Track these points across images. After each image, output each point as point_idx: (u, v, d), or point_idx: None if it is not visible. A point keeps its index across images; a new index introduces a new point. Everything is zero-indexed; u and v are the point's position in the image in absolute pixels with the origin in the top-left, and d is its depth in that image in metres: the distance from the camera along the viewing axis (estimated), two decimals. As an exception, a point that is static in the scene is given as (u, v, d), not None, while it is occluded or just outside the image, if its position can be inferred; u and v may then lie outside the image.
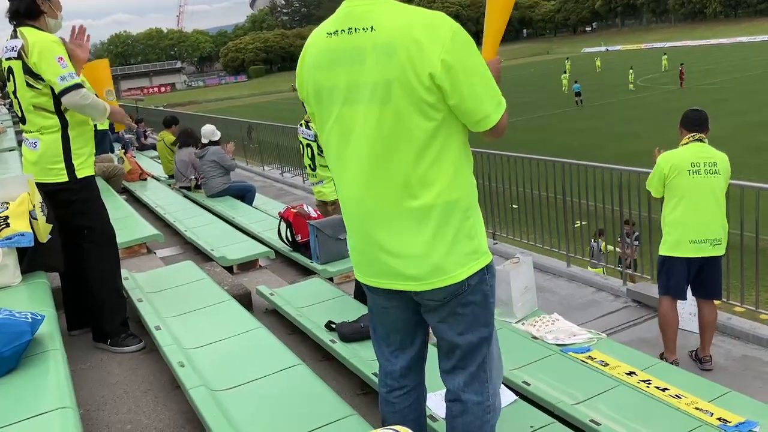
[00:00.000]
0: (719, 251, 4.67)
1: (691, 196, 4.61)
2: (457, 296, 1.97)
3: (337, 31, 1.90)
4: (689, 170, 4.59)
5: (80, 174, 3.44)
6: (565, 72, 44.59)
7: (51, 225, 3.39)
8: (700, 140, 4.70)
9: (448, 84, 1.81)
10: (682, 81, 36.02)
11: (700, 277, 4.75)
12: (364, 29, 1.85)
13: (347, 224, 2.10)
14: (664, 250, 4.78)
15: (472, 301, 1.99)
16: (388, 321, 2.18)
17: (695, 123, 4.75)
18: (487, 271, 2.02)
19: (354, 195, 2.00)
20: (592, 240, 6.76)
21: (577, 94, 33.92)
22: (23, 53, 3.24)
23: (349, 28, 1.88)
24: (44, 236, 3.32)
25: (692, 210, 4.61)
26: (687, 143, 4.72)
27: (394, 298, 2.07)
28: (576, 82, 35.62)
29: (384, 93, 1.83)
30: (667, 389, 3.33)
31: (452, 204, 1.92)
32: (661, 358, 4.59)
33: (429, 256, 1.91)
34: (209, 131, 8.71)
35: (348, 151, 1.95)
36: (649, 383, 3.39)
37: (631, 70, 39.48)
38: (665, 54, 51.50)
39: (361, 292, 4.28)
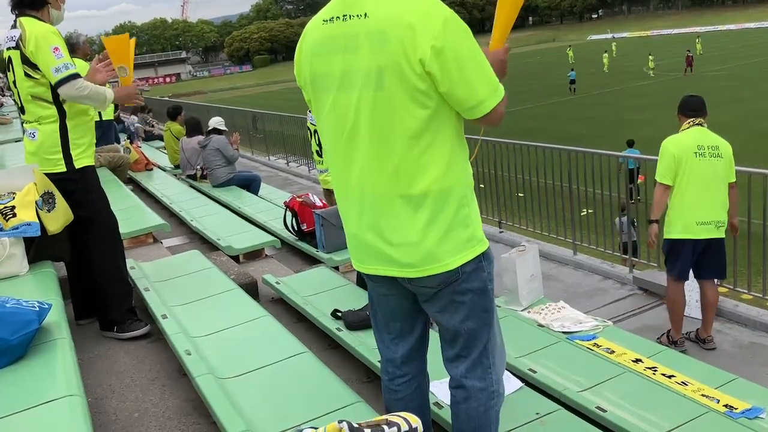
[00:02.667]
0: (722, 233, 4.78)
1: (699, 178, 4.68)
2: (451, 284, 1.96)
3: (332, 18, 1.91)
4: (696, 152, 4.68)
5: (78, 164, 3.42)
6: (605, 52, 45.01)
7: (71, 216, 3.40)
8: (701, 125, 4.79)
9: (438, 70, 1.79)
10: (688, 67, 35.70)
11: (704, 258, 4.83)
12: (358, 16, 1.85)
13: (341, 211, 2.10)
14: (672, 233, 4.82)
15: (469, 288, 1.98)
16: (388, 309, 2.18)
17: (694, 108, 4.84)
18: (484, 258, 2.00)
19: (348, 182, 2.00)
20: None
21: (572, 81, 34.55)
22: (21, 43, 3.22)
23: (344, 15, 1.88)
24: (56, 226, 3.32)
25: (700, 192, 4.68)
26: (688, 128, 4.79)
27: (394, 285, 2.06)
28: (572, 69, 36.10)
29: (377, 80, 1.83)
30: (673, 376, 3.33)
31: (447, 191, 1.91)
32: (668, 339, 4.82)
33: (422, 243, 1.91)
34: (215, 121, 8.81)
35: (343, 139, 1.95)
36: (656, 370, 3.39)
37: (650, 56, 38.76)
38: (698, 37, 50.77)
39: (362, 280, 4.29)
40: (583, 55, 53.26)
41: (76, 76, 3.25)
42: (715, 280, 5.01)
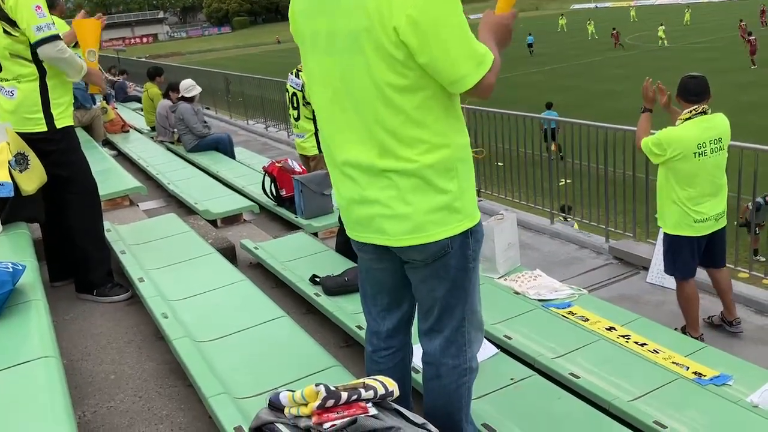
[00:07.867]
0: (723, 223, 4.45)
1: (696, 178, 4.24)
2: (440, 258, 1.92)
3: None
4: (695, 152, 4.17)
5: (59, 124, 3.37)
6: (589, 21, 47.23)
7: (45, 177, 3.34)
8: (704, 112, 4.23)
9: (414, 41, 1.70)
10: (617, 42, 36.66)
11: (708, 249, 4.48)
12: None
13: (333, 178, 2.04)
14: (668, 228, 4.42)
15: (453, 264, 1.94)
16: (377, 281, 2.13)
17: (695, 93, 4.24)
18: (471, 235, 1.94)
19: (336, 150, 1.94)
20: None
21: (530, 45, 37.41)
22: None
23: None
24: (31, 187, 3.26)
25: (696, 192, 4.26)
26: (690, 118, 4.22)
27: (384, 257, 2.01)
28: (530, 34, 38.17)
29: (356, 44, 1.76)
30: (645, 344, 3.39)
31: (433, 165, 1.84)
32: (683, 332, 4.40)
33: (409, 215, 1.86)
34: (185, 85, 8.48)
35: (331, 103, 1.90)
36: (628, 338, 3.46)
37: (661, 26, 37.70)
38: (688, 8, 51.17)
39: (343, 247, 4.29)
40: (571, 24, 53.03)
41: (56, 37, 3.20)
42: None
